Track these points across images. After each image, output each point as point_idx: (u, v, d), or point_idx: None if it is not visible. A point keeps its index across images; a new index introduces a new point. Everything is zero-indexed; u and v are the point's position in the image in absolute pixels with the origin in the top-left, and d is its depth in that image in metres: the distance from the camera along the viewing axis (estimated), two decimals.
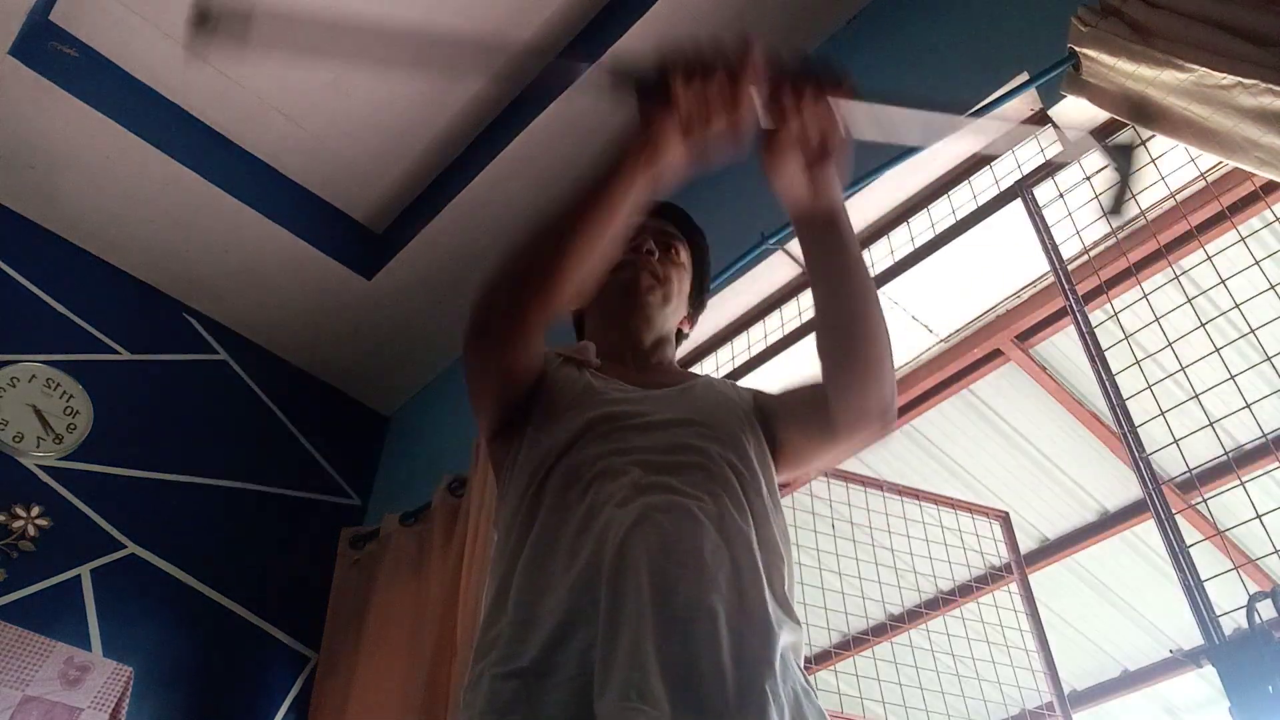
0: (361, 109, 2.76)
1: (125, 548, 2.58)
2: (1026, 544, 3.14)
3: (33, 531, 2.42)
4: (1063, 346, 2.57)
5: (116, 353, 2.86)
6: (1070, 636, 3.47)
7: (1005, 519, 2.61)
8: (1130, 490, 3.01)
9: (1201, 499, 1.55)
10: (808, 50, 2.43)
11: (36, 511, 2.45)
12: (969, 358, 2.33)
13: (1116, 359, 1.60)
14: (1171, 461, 1.65)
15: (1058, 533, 3.22)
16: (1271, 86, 1.33)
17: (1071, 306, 1.68)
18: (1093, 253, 1.71)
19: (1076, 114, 1.76)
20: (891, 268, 2.05)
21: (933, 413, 2.65)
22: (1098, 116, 1.73)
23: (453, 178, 2.85)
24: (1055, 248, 1.75)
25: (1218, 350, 1.48)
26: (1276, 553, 1.33)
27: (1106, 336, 1.65)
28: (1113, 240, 1.75)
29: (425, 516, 2.67)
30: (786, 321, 2.25)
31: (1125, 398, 1.56)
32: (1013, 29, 1.90)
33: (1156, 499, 1.44)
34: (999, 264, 2.08)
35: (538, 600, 0.95)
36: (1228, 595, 1.35)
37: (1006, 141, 1.24)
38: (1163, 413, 1.48)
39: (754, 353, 2.26)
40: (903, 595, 2.61)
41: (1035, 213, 1.80)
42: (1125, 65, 1.53)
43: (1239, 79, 1.37)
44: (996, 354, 2.39)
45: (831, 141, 1.02)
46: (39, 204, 2.81)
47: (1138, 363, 1.54)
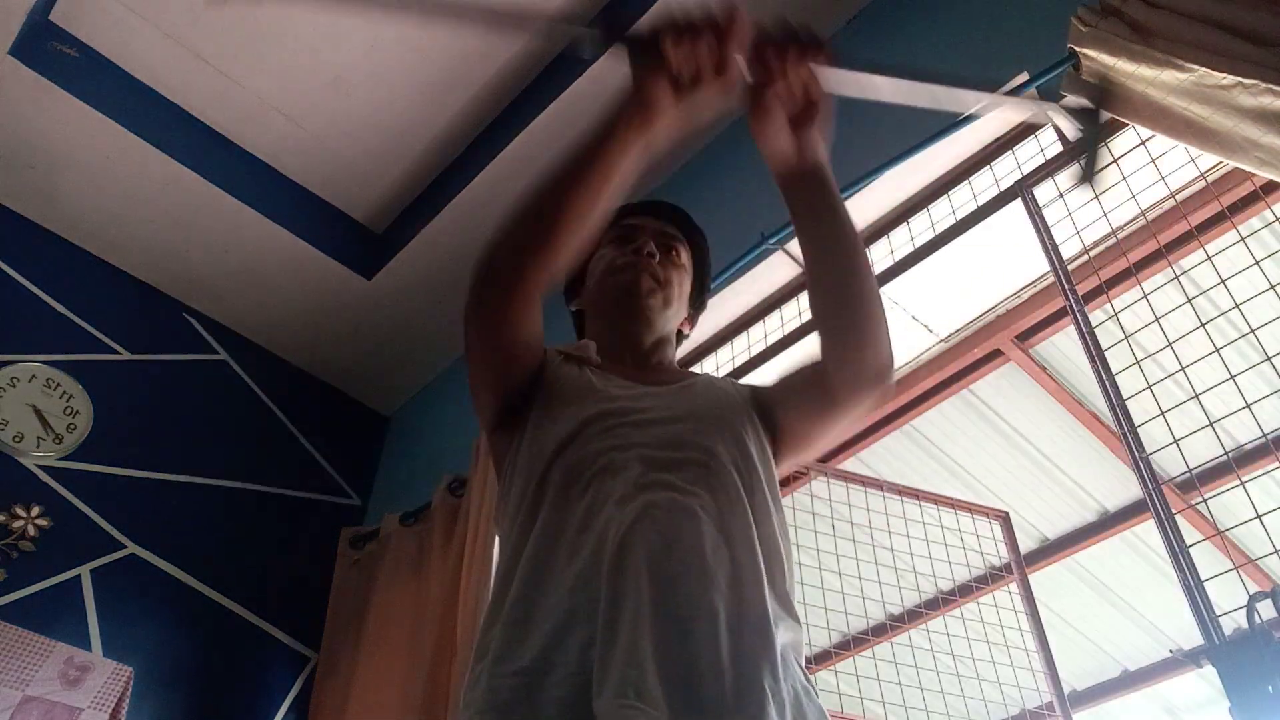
0: (361, 109, 2.76)
1: (125, 548, 2.59)
2: (1026, 544, 3.14)
3: (33, 531, 2.42)
4: (1063, 346, 2.57)
5: (116, 353, 2.86)
6: (1070, 636, 3.47)
7: (1005, 519, 2.61)
8: (1130, 490, 3.01)
9: (1201, 499, 1.55)
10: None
11: (36, 511, 2.45)
12: (969, 358, 2.33)
13: (1116, 359, 1.60)
14: (1171, 461, 1.65)
15: (1058, 533, 3.22)
16: (1271, 86, 1.33)
17: (1071, 306, 1.68)
18: (1093, 253, 1.71)
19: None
20: (891, 268, 2.05)
21: (933, 413, 2.65)
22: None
23: (453, 178, 2.85)
24: (1055, 248, 1.75)
25: (1218, 350, 1.48)
26: (1276, 553, 1.33)
27: (1106, 336, 1.65)
28: (1113, 240, 1.75)
29: (425, 516, 2.66)
30: (786, 321, 2.25)
31: (1125, 398, 1.56)
32: (1013, 29, 1.90)
33: (1156, 499, 1.44)
34: (999, 264, 2.07)
35: (538, 599, 0.95)
36: (1228, 595, 1.35)
37: (1002, 108, 1.23)
38: (1163, 413, 1.48)
39: (754, 353, 2.26)
40: (903, 595, 2.61)
41: (1035, 213, 1.80)
42: (1125, 65, 1.53)
43: (1239, 79, 1.37)
44: (996, 354, 2.39)
45: (815, 101, 1.04)
46: (39, 204, 2.82)
47: (1138, 363, 1.54)
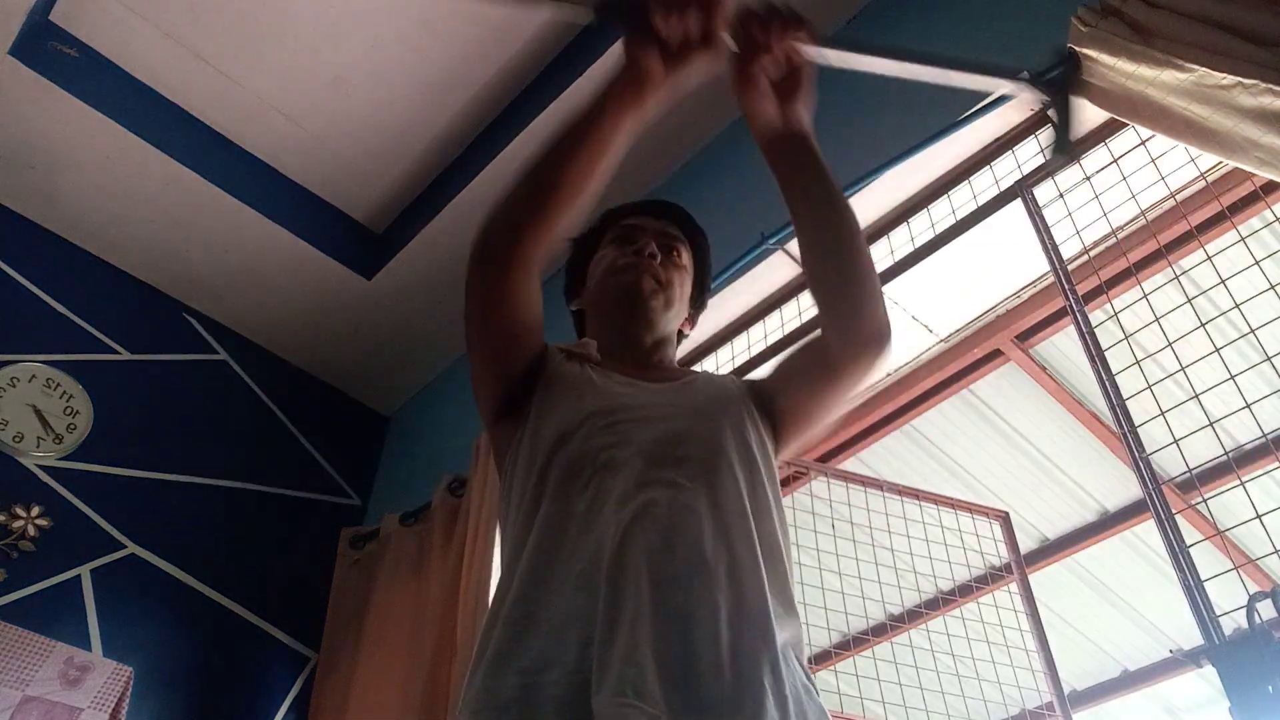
0: (361, 109, 2.76)
1: (125, 548, 2.58)
2: (1026, 544, 3.13)
3: (33, 531, 2.42)
4: (1063, 346, 2.57)
5: (116, 353, 2.86)
6: (1070, 636, 3.47)
7: (1005, 519, 2.61)
8: (1130, 490, 3.01)
9: (1201, 499, 1.55)
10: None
11: (36, 511, 2.45)
12: (969, 358, 2.33)
13: (1116, 359, 1.59)
14: (1171, 461, 1.65)
15: (1058, 533, 3.22)
16: (1271, 86, 1.33)
17: (1071, 306, 1.68)
18: (1093, 253, 1.71)
19: (1076, 114, 1.76)
20: (891, 268, 2.05)
21: (933, 413, 2.65)
22: (1098, 116, 1.73)
23: (453, 178, 2.85)
24: (1055, 248, 1.75)
25: (1218, 350, 1.48)
26: (1276, 553, 1.33)
27: (1106, 336, 1.65)
28: (1113, 240, 1.75)
29: (425, 516, 2.66)
30: (786, 321, 2.25)
31: (1125, 398, 1.56)
32: (1013, 29, 1.90)
33: (1156, 499, 1.44)
34: (999, 264, 2.07)
35: (539, 599, 0.95)
36: (1228, 595, 1.35)
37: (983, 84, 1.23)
38: (1163, 413, 1.48)
39: (754, 353, 2.26)
40: (903, 595, 2.61)
41: (1035, 213, 1.80)
42: (1125, 65, 1.53)
43: (1239, 79, 1.37)
44: (996, 354, 2.39)
45: (798, 72, 1.11)
46: (39, 204, 2.81)
47: (1138, 363, 1.54)
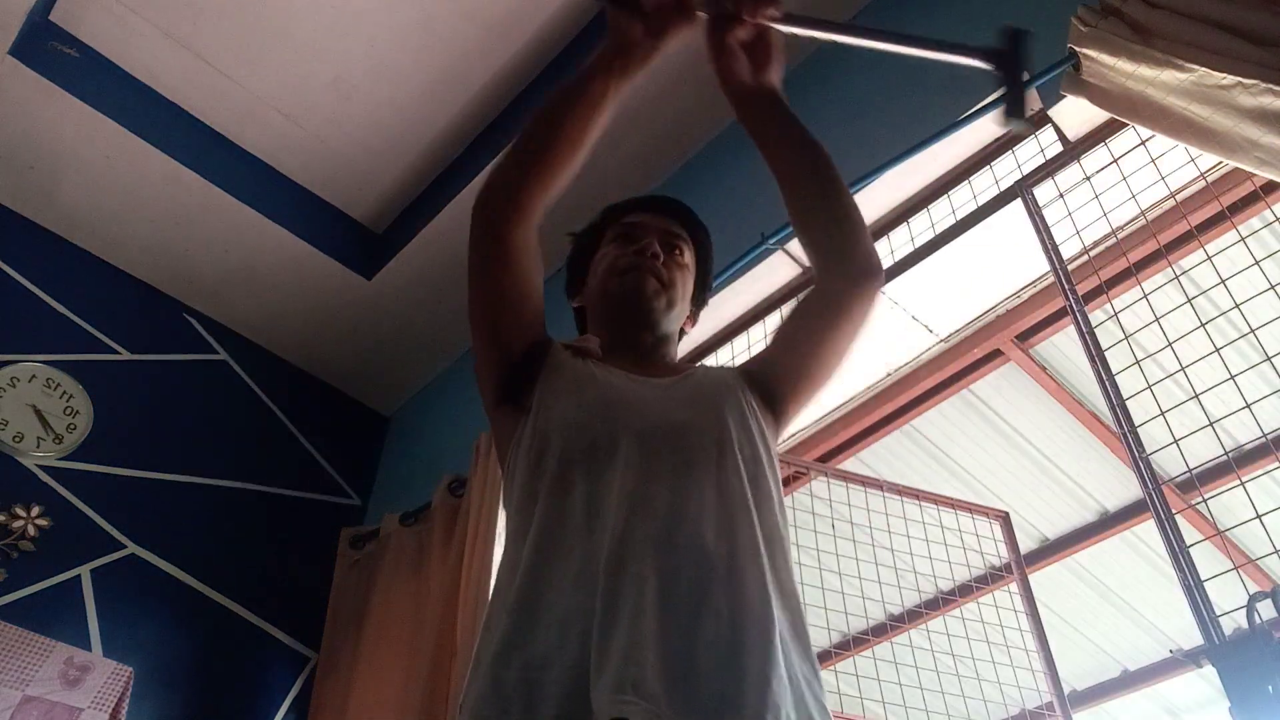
0: (361, 109, 2.76)
1: (125, 548, 2.58)
2: (1026, 544, 3.13)
3: (33, 531, 2.42)
4: (1063, 346, 2.57)
5: (116, 353, 2.86)
6: (1070, 636, 3.47)
7: (1005, 519, 2.61)
8: (1130, 490, 3.01)
9: (1201, 499, 1.55)
10: (809, 49, 2.43)
11: (36, 511, 2.45)
12: (969, 358, 2.33)
13: (1116, 359, 1.59)
14: (1171, 461, 1.65)
15: (1058, 533, 3.22)
16: (1271, 86, 1.33)
17: (1071, 306, 1.68)
18: (1093, 253, 1.71)
19: (1076, 114, 1.76)
20: (891, 268, 2.05)
21: (933, 413, 2.65)
22: (1098, 116, 1.73)
23: (453, 178, 2.85)
24: (1055, 248, 1.75)
25: (1218, 350, 1.48)
26: (1276, 553, 1.33)
27: (1106, 336, 1.65)
28: (1113, 240, 1.75)
29: (425, 516, 2.66)
30: None
31: (1125, 398, 1.56)
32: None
33: (1156, 499, 1.44)
34: (999, 264, 2.07)
35: (542, 592, 0.95)
36: (1228, 595, 1.35)
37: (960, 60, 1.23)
38: (1163, 413, 1.48)
39: (754, 353, 2.25)
40: (903, 595, 2.61)
41: (1035, 213, 1.80)
42: (1125, 65, 1.53)
43: (1239, 79, 1.37)
44: (996, 354, 2.39)
45: (769, 41, 1.19)
46: (39, 204, 2.81)
47: (1138, 363, 1.54)
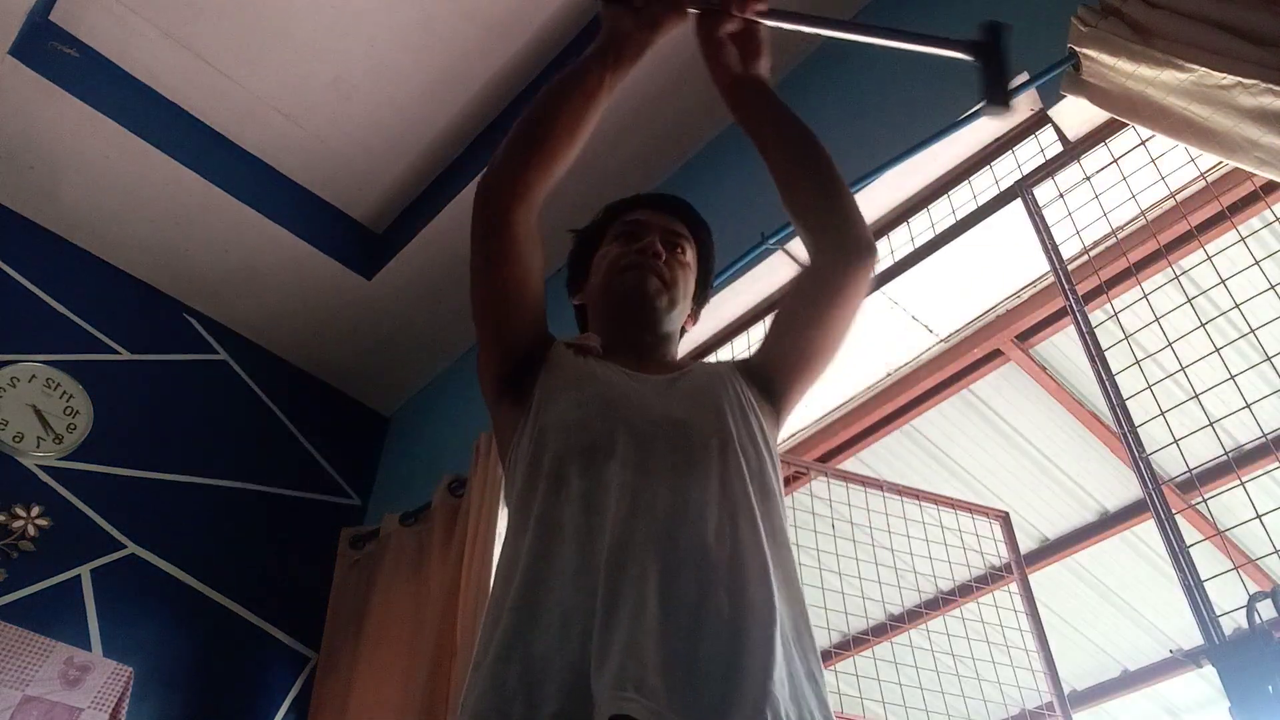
0: (361, 109, 2.76)
1: (125, 548, 2.58)
2: (1026, 544, 3.13)
3: (33, 531, 2.42)
4: (1063, 346, 2.57)
5: (116, 353, 2.86)
6: (1070, 636, 3.47)
7: (1005, 519, 2.61)
8: (1130, 490, 3.01)
9: (1201, 499, 1.55)
10: (808, 49, 2.44)
11: (36, 511, 2.45)
12: (969, 358, 2.33)
13: (1116, 359, 1.59)
14: (1171, 461, 1.64)
15: (1058, 533, 3.22)
16: (1271, 86, 1.33)
17: (1071, 306, 1.67)
18: (1093, 253, 1.71)
19: (1076, 114, 1.76)
20: (891, 268, 2.05)
21: (933, 413, 2.65)
22: (1098, 116, 1.73)
23: (453, 178, 2.85)
24: (1055, 248, 1.75)
25: (1218, 350, 1.48)
26: (1276, 553, 1.33)
27: (1106, 336, 1.64)
28: (1113, 240, 1.75)
29: (425, 516, 2.66)
30: None
31: (1125, 398, 1.55)
32: (1013, 29, 1.89)
33: (1156, 499, 1.44)
34: (999, 264, 2.07)
35: (543, 588, 0.95)
36: (1228, 595, 1.35)
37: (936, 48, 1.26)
38: (1163, 413, 1.48)
39: (754, 353, 2.25)
40: (903, 595, 2.61)
41: (1035, 213, 1.80)
42: (1125, 65, 1.53)
43: (1239, 79, 1.37)
44: (996, 354, 2.39)
45: (756, 32, 1.23)
46: (39, 204, 2.81)
47: (1138, 363, 1.54)
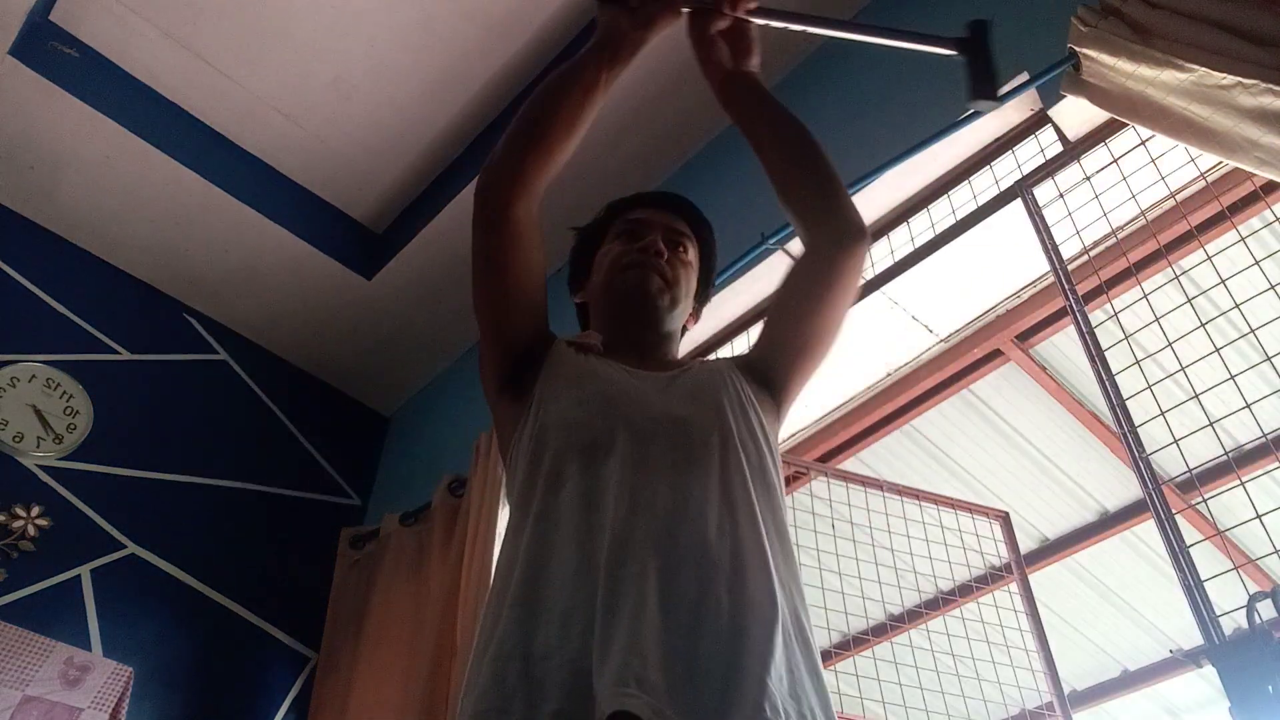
0: (361, 109, 2.76)
1: (125, 548, 2.58)
2: (1026, 544, 3.13)
3: (33, 531, 2.42)
4: (1063, 346, 2.57)
5: (116, 353, 2.86)
6: (1070, 636, 3.47)
7: (1005, 519, 2.61)
8: (1130, 490, 3.01)
9: (1201, 499, 1.55)
10: (809, 49, 2.44)
11: (36, 511, 2.45)
12: (969, 358, 2.33)
13: (1116, 359, 1.59)
14: (1171, 461, 1.64)
15: (1058, 533, 3.22)
16: (1271, 86, 1.33)
17: (1071, 306, 1.67)
18: (1093, 253, 1.71)
19: (1076, 114, 1.76)
20: (891, 268, 2.05)
21: (933, 413, 2.65)
22: (1098, 116, 1.73)
23: (453, 178, 2.85)
24: (1055, 248, 1.75)
25: (1218, 350, 1.48)
26: (1276, 553, 1.33)
27: (1106, 336, 1.64)
28: (1113, 240, 1.75)
29: (425, 516, 2.66)
30: None
31: (1125, 398, 1.55)
32: (1013, 29, 1.90)
33: (1156, 499, 1.44)
34: (999, 264, 2.07)
35: (543, 585, 0.95)
36: (1228, 595, 1.35)
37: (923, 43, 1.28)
38: (1163, 413, 1.48)
39: (752, 348, 2.25)
40: (903, 595, 2.61)
41: (1035, 213, 1.80)
42: (1125, 65, 1.53)
43: (1239, 79, 1.37)
44: (996, 354, 2.39)
45: (748, 31, 1.27)
46: (39, 204, 2.81)
47: (1138, 363, 1.54)
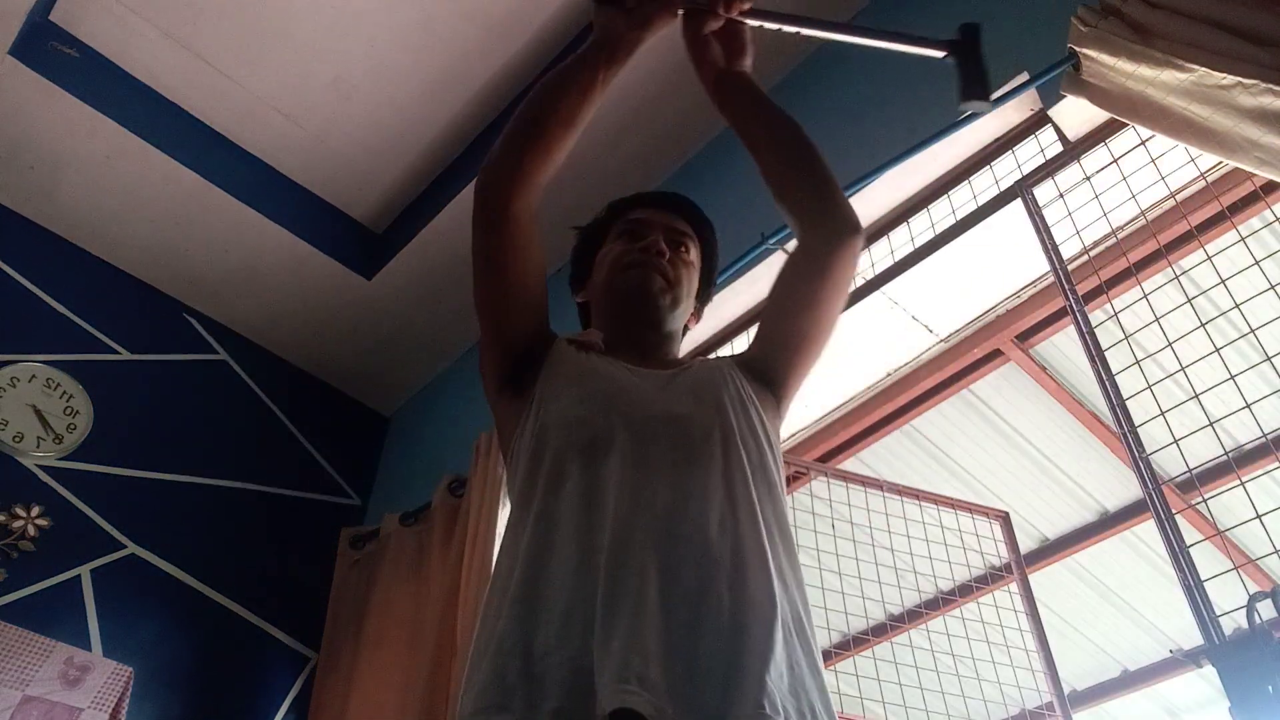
0: (361, 109, 2.76)
1: (125, 548, 2.58)
2: (1026, 544, 3.13)
3: (33, 531, 2.42)
4: (1063, 346, 2.57)
5: (116, 353, 2.86)
6: (1070, 636, 3.47)
7: (1005, 519, 2.61)
8: (1130, 490, 3.01)
9: (1201, 499, 1.55)
10: (809, 50, 2.44)
11: (36, 511, 2.45)
12: (969, 358, 2.33)
13: (1116, 359, 1.59)
14: (1171, 461, 1.64)
15: (1058, 533, 3.22)
16: (1271, 86, 1.33)
17: (1071, 306, 1.67)
18: (1093, 253, 1.71)
19: (1076, 114, 1.76)
20: (891, 268, 2.05)
21: (933, 413, 2.65)
22: (1098, 116, 1.73)
23: (453, 178, 2.85)
24: (1055, 248, 1.75)
25: (1218, 350, 1.48)
26: (1276, 553, 1.33)
27: (1106, 336, 1.64)
28: (1113, 240, 1.75)
29: (425, 516, 2.66)
30: None
31: (1125, 398, 1.55)
32: (1013, 29, 1.90)
33: (1156, 499, 1.44)
34: (999, 264, 2.07)
35: (543, 584, 0.95)
36: (1228, 595, 1.35)
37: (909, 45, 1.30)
38: (1163, 413, 1.48)
39: (750, 346, 2.25)
40: (903, 595, 2.61)
41: (1035, 213, 1.80)
42: (1125, 65, 1.53)
43: (1239, 79, 1.37)
44: (996, 354, 2.39)
45: (742, 32, 1.28)
46: (39, 204, 2.81)
47: (1138, 363, 1.54)
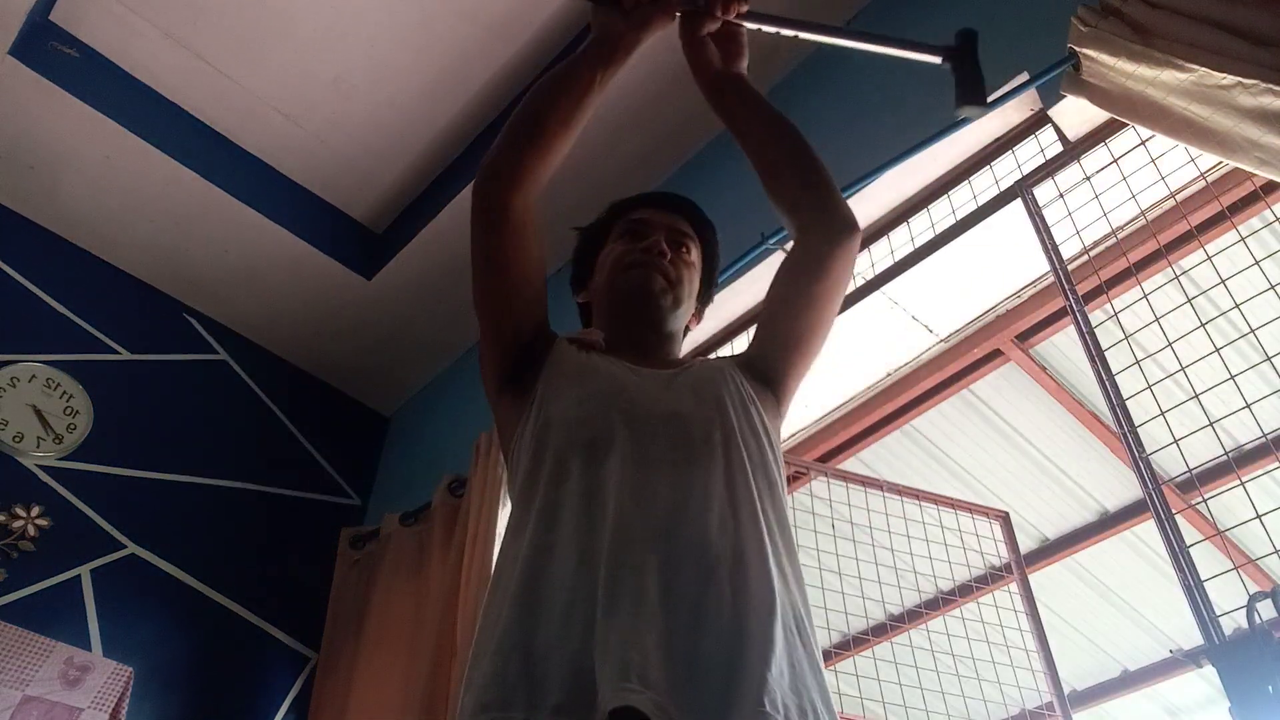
0: (361, 109, 2.76)
1: (125, 548, 2.58)
2: (1026, 544, 3.14)
3: (33, 531, 2.42)
4: (1063, 346, 2.57)
5: (116, 353, 2.86)
6: (1070, 636, 3.47)
7: (1005, 519, 2.61)
8: (1130, 490, 3.01)
9: (1201, 499, 1.55)
10: (809, 51, 2.43)
11: (36, 511, 2.45)
12: (969, 358, 2.33)
13: (1116, 359, 1.59)
14: (1171, 461, 1.65)
15: (1058, 533, 3.22)
16: (1271, 86, 1.33)
17: (1071, 306, 1.67)
18: (1093, 253, 1.71)
19: (1076, 114, 1.76)
20: (891, 268, 2.05)
21: (933, 413, 2.65)
22: (1098, 116, 1.73)
23: (453, 178, 2.85)
24: (1055, 248, 1.75)
25: (1218, 350, 1.48)
26: (1276, 553, 1.33)
27: (1106, 336, 1.65)
28: (1113, 240, 1.75)
29: (425, 516, 2.66)
30: None
31: (1125, 398, 1.55)
32: (1013, 29, 1.90)
33: (1156, 499, 1.44)
34: (999, 264, 2.07)
35: (542, 580, 0.95)
36: (1228, 595, 1.35)
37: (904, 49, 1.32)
38: (1163, 413, 1.48)
39: (749, 346, 2.25)
40: (903, 595, 2.61)
41: (1035, 213, 1.80)
42: (1125, 65, 1.53)
43: (1239, 79, 1.37)
44: (996, 354, 2.39)
45: (738, 34, 1.29)
46: (39, 204, 2.81)
47: (1138, 363, 1.54)
